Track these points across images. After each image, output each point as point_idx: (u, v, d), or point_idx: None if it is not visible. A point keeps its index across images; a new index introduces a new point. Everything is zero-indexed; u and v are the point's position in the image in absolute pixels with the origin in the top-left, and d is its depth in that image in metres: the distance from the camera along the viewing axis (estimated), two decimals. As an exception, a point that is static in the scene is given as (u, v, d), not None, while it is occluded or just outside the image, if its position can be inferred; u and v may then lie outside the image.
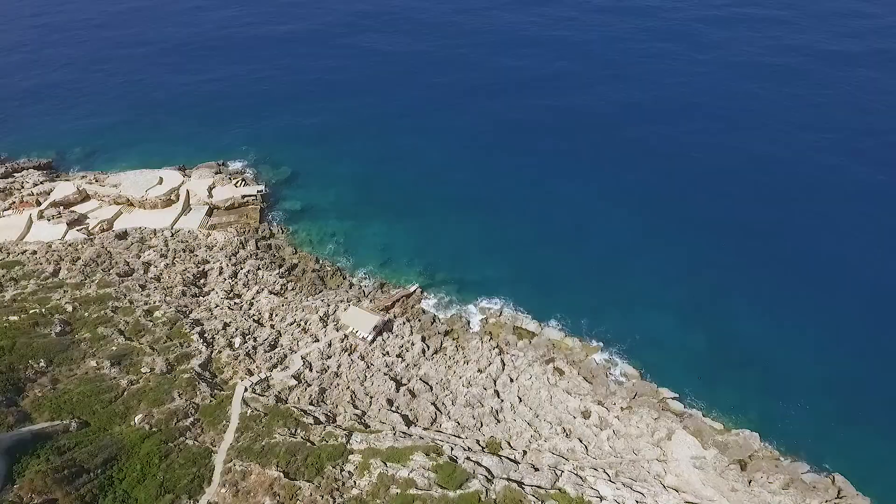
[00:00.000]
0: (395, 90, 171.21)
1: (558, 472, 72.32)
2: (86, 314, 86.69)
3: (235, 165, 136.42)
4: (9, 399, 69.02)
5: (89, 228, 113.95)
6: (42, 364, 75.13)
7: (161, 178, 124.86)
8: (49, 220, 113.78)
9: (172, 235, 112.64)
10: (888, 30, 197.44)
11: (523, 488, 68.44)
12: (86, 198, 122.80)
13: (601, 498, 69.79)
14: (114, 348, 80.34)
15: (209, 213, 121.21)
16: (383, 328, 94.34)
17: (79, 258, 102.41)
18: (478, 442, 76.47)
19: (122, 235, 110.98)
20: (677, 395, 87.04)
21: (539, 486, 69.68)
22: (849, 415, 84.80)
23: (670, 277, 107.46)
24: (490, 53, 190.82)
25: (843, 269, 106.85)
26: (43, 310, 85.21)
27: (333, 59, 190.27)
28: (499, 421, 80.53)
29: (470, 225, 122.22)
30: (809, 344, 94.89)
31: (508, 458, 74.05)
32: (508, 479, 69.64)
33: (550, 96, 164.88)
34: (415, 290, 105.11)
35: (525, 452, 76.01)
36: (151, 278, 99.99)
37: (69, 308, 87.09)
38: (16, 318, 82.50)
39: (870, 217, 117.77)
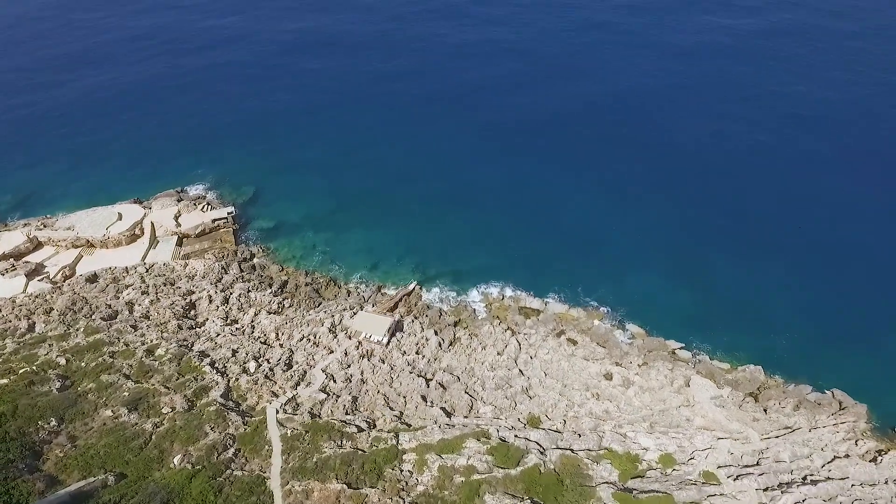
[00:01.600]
0: (343, 103, 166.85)
1: (601, 434, 75.73)
2: (82, 364, 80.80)
3: (196, 191, 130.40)
4: (29, 465, 63.60)
5: (51, 277, 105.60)
6: (53, 423, 69.62)
7: (120, 214, 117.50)
8: (3, 275, 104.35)
9: (147, 271, 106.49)
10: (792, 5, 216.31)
11: (576, 454, 71.31)
12: (38, 245, 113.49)
13: (645, 449, 73.93)
14: (126, 394, 75.54)
15: (179, 243, 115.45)
16: (395, 329, 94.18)
17: (52, 309, 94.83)
18: (519, 420, 78.55)
19: (93, 279, 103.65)
20: (683, 345, 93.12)
21: (589, 450, 72.75)
22: (830, 337, 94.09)
23: (649, 241, 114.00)
24: (432, 59, 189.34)
25: (799, 213, 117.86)
26: (33, 367, 78.62)
27: (273, 80, 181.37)
28: (531, 397, 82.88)
29: (449, 218, 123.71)
30: (782, 281, 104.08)
31: (552, 430, 76.70)
32: (559, 448, 72.30)
33: (499, 95, 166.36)
34: (414, 288, 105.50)
35: (564, 422, 78.87)
36: (140, 317, 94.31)
37: (62, 361, 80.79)
38: (6, 380, 75.67)
39: (821, 171, 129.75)
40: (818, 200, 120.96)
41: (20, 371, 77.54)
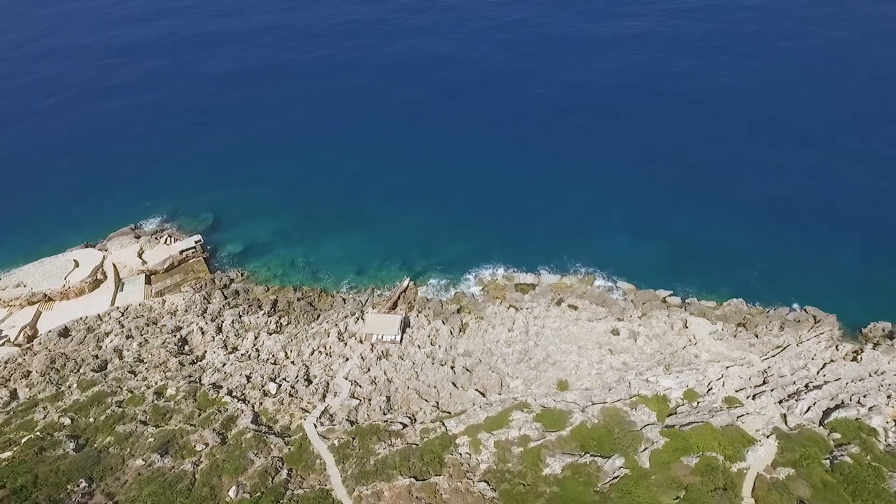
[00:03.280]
0: (284, 122, 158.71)
1: (627, 383, 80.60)
2: (90, 420, 75.04)
3: (151, 225, 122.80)
4: (74, 532, 59.00)
5: (13, 340, 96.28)
6: (83, 484, 64.57)
7: (76, 261, 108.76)
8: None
9: (123, 314, 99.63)
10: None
11: (613, 405, 75.67)
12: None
13: (669, 389, 79.60)
14: (151, 440, 71.26)
15: (148, 281, 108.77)
16: (404, 325, 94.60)
17: (29, 371, 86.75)
18: (549, 386, 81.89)
19: (65, 332, 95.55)
20: (672, 292, 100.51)
21: (622, 399, 77.34)
22: (790, 262, 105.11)
23: (614, 204, 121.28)
24: (365, 74, 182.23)
25: (742, 166, 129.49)
26: (36, 433, 72.08)
27: (202, 112, 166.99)
28: (553, 364, 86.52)
29: (419, 213, 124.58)
30: (739, 220, 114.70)
31: (583, 389, 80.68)
32: (596, 404, 76.35)
33: (443, 99, 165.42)
34: (408, 284, 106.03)
35: (590, 379, 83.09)
36: (133, 362, 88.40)
37: (66, 421, 74.58)
38: (9, 452, 68.98)
39: (755, 128, 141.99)
40: (755, 151, 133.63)
41: (23, 440, 70.91)
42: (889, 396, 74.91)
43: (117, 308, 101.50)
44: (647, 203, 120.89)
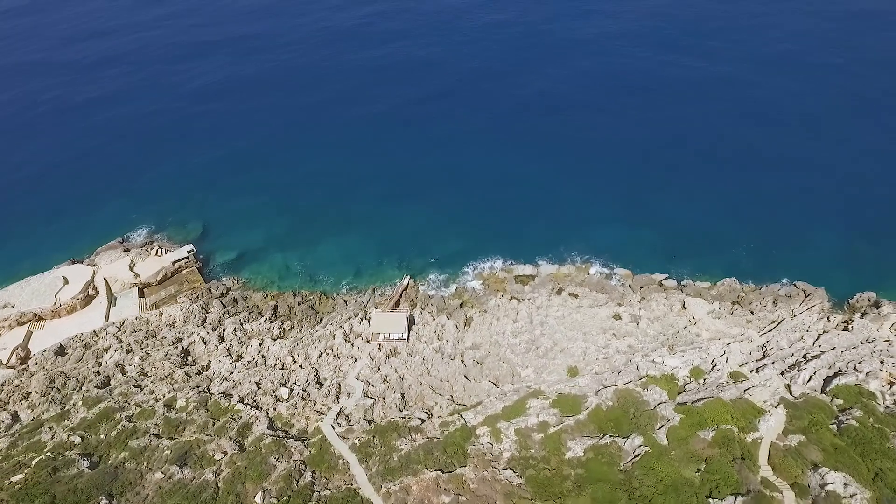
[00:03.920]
0: (265, 129, 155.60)
1: (635, 365, 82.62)
2: (101, 437, 73.41)
3: (140, 236, 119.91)
4: (101, 549, 57.81)
5: (5, 362, 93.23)
6: (104, 501, 63.16)
7: (65, 278, 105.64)
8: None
9: (120, 329, 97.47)
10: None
11: (625, 387, 77.48)
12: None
13: (676, 368, 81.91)
14: (168, 452, 70.09)
15: (142, 294, 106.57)
16: (410, 322, 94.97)
17: (29, 393, 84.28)
18: (560, 373, 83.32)
19: (61, 351, 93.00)
20: (667, 275, 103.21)
21: (632, 381, 79.26)
22: (775, 240, 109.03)
23: (603, 194, 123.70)
24: (345, 81, 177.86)
25: (724, 151, 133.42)
26: (47, 454, 70.13)
27: (184, 122, 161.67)
28: (561, 351, 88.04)
29: (413, 212, 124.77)
30: (723, 202, 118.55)
31: (593, 373, 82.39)
32: (608, 387, 78.06)
33: (427, 102, 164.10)
34: (408, 282, 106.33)
35: (598, 364, 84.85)
36: (138, 376, 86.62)
37: (76, 440, 72.74)
38: (21, 475, 67.04)
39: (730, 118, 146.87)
40: (737, 137, 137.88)
41: (34, 462, 68.96)
42: (882, 362, 78.61)
43: (113, 323, 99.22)
44: (636, 192, 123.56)
